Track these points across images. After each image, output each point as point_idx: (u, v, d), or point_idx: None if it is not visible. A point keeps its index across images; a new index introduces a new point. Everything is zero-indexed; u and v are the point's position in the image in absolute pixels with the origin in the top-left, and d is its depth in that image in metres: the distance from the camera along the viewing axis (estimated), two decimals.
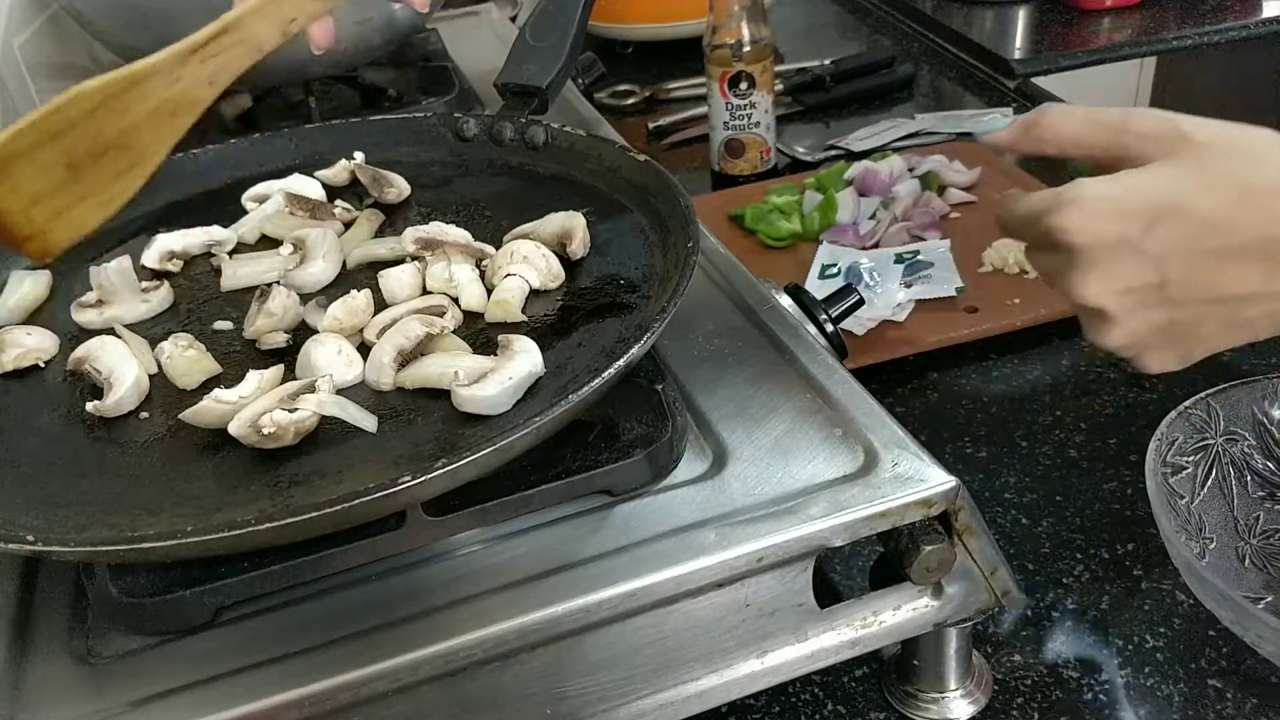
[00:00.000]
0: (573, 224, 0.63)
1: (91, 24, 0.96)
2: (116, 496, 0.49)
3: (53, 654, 0.48)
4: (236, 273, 0.65)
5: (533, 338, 0.54)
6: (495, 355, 0.53)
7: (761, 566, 0.49)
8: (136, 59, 1.08)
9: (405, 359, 0.55)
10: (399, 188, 0.73)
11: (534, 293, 0.61)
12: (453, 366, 0.53)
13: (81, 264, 0.69)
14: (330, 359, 0.55)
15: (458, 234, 0.63)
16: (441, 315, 0.58)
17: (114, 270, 0.63)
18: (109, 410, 0.54)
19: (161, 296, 0.64)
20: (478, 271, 0.62)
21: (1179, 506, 0.63)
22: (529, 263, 0.61)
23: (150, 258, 0.67)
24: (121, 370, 0.55)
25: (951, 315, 0.89)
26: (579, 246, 0.63)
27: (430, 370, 0.53)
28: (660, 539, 0.49)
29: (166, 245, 0.68)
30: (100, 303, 0.63)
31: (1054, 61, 1.39)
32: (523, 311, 0.59)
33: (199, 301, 0.65)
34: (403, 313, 0.58)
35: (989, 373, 0.85)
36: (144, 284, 0.64)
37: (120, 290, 0.63)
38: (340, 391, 0.54)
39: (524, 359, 0.52)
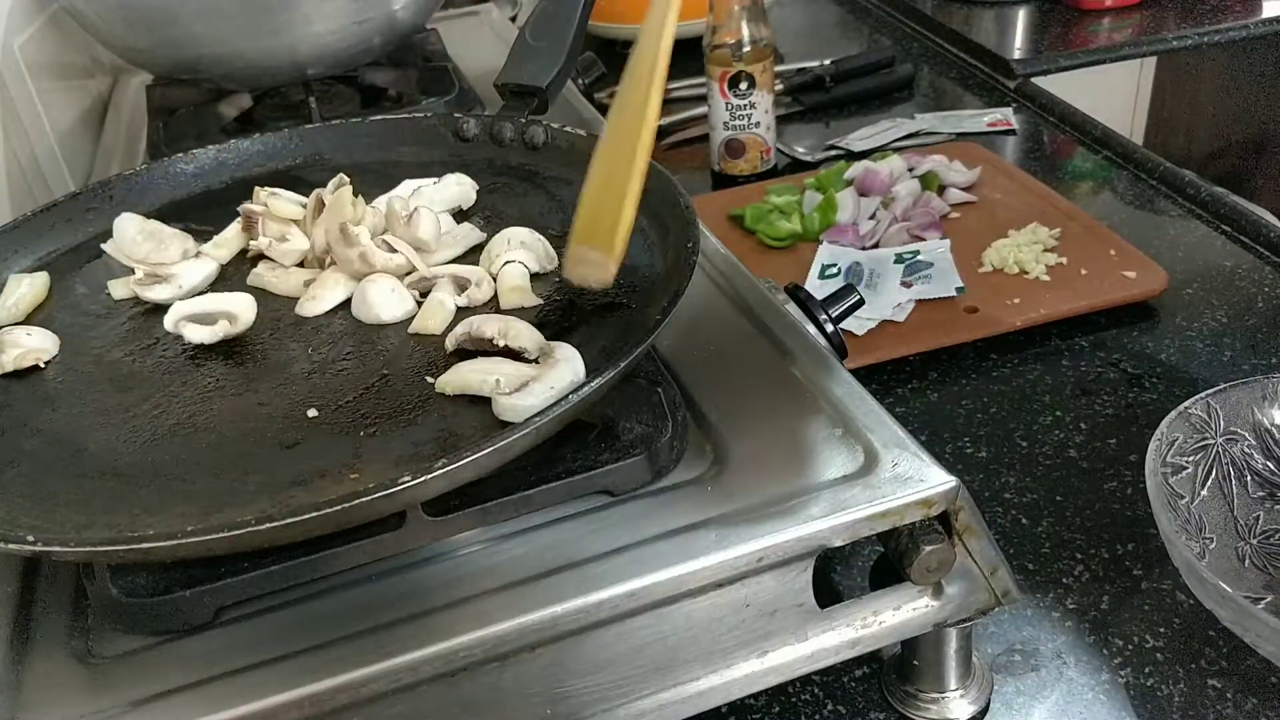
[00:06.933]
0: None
1: (91, 24, 0.96)
2: (116, 496, 0.49)
3: (53, 654, 0.48)
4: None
5: (539, 328, 0.54)
6: (536, 363, 0.52)
7: (761, 566, 0.49)
8: (137, 59, 1.08)
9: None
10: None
11: (533, 276, 0.62)
12: (493, 374, 0.51)
13: (79, 265, 0.69)
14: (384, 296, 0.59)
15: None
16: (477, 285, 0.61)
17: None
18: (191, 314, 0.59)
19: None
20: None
21: (1179, 506, 0.63)
22: (526, 248, 0.62)
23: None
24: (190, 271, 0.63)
25: (951, 315, 0.89)
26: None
27: (470, 377, 0.52)
28: (660, 539, 0.49)
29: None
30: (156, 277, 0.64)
31: (1054, 61, 1.39)
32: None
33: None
34: (442, 270, 0.62)
35: (989, 373, 0.85)
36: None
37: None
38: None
39: (566, 367, 0.51)
